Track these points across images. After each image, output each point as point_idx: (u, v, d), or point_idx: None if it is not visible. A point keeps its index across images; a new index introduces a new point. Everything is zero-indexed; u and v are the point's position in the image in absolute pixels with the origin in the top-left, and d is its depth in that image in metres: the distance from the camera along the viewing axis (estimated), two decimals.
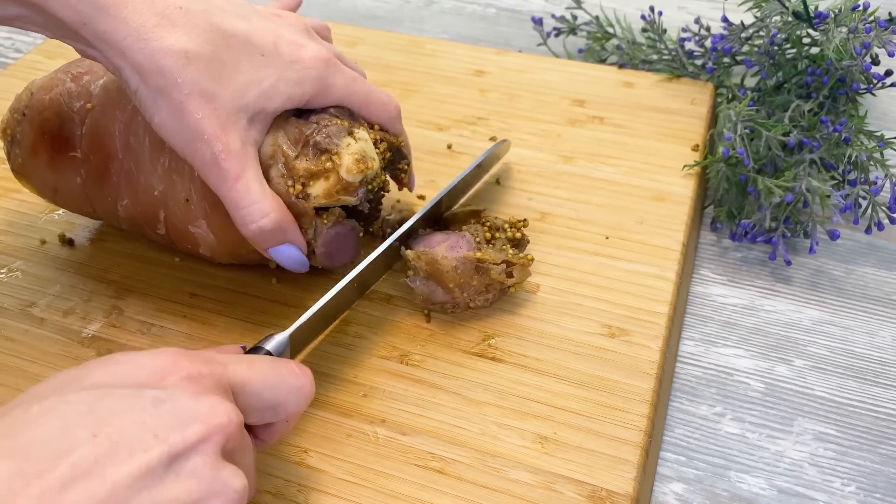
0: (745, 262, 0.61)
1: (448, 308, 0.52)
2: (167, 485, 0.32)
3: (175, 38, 0.43)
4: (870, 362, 0.54)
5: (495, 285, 0.51)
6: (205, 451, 0.33)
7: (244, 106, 0.45)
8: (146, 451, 0.31)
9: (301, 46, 0.48)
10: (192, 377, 0.35)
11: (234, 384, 0.37)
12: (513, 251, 0.51)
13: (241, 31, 0.46)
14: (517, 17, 0.91)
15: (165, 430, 0.32)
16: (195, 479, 0.32)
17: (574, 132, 0.67)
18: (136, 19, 0.43)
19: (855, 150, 0.60)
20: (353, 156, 0.47)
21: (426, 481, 0.44)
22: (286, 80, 0.47)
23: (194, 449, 0.33)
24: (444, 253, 0.50)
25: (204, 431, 0.33)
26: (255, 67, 0.46)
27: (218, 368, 0.37)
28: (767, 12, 0.66)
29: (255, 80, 0.46)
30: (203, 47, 0.44)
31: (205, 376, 0.35)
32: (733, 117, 0.61)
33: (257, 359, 0.40)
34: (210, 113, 0.44)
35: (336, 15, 0.93)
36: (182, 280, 0.56)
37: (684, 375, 0.54)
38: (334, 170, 0.47)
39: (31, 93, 0.54)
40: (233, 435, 0.34)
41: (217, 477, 0.33)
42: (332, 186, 0.47)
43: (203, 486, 0.32)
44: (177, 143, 0.45)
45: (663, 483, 0.48)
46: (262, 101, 0.46)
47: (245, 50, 0.46)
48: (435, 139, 0.67)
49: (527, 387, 0.49)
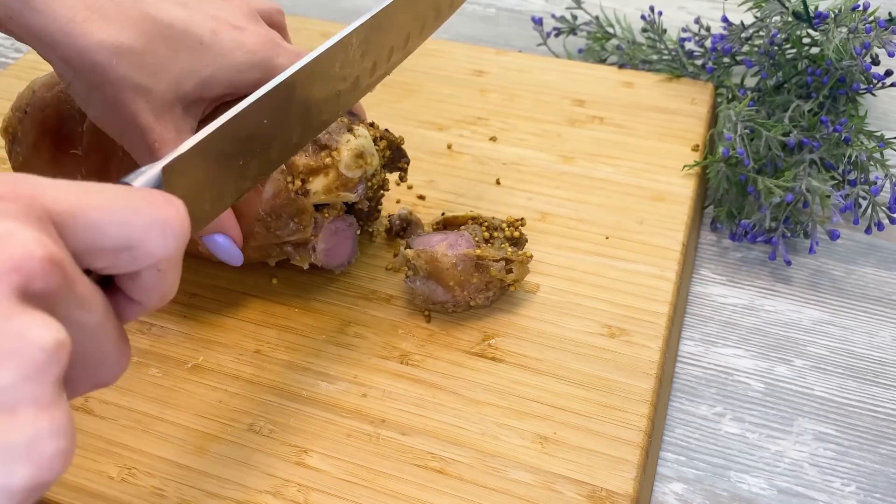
0: (745, 262, 0.61)
1: (448, 307, 0.52)
2: None
3: (106, 33, 0.42)
4: (870, 362, 0.54)
5: (495, 283, 0.51)
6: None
7: (181, 96, 0.45)
8: None
9: (243, 30, 0.46)
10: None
11: (57, 212, 0.27)
12: (512, 249, 0.51)
13: (178, 20, 0.44)
14: (517, 17, 0.91)
15: None
16: None
17: (574, 132, 0.67)
18: (64, 14, 0.41)
19: (855, 150, 0.60)
20: (352, 151, 0.48)
21: (426, 481, 0.44)
22: (227, 67, 0.45)
23: None
24: (444, 251, 0.50)
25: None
26: (194, 57, 0.45)
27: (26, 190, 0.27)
28: (767, 12, 0.66)
29: (193, 69, 0.45)
30: (136, 40, 0.43)
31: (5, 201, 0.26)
32: (733, 117, 0.61)
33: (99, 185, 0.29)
34: (144, 106, 0.44)
35: (336, 15, 0.93)
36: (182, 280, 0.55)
37: (684, 375, 0.54)
38: (333, 165, 0.48)
39: (34, 90, 0.54)
40: (38, 273, 0.25)
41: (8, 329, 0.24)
42: (331, 182, 0.48)
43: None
44: (113, 133, 0.45)
45: (663, 483, 0.48)
46: (201, 91, 0.45)
47: (182, 39, 0.44)
48: (435, 139, 0.67)
49: (527, 387, 0.49)
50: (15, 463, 0.23)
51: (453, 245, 0.51)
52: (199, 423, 0.47)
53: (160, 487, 0.44)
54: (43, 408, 0.24)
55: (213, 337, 0.52)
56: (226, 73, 0.46)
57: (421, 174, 0.63)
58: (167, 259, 0.31)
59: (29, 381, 0.24)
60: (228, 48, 0.45)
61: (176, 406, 0.48)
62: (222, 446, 0.46)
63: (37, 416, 0.24)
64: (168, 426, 0.47)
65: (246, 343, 0.52)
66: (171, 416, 0.48)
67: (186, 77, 0.45)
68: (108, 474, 0.45)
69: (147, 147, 0.44)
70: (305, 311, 0.54)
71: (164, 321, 0.53)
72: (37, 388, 0.24)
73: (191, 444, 0.46)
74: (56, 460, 0.24)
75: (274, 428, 0.47)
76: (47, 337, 0.24)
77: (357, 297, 0.54)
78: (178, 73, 0.44)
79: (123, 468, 0.45)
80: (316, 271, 0.55)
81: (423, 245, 0.51)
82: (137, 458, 0.46)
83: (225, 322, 0.53)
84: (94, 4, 0.42)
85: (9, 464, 0.23)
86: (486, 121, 0.69)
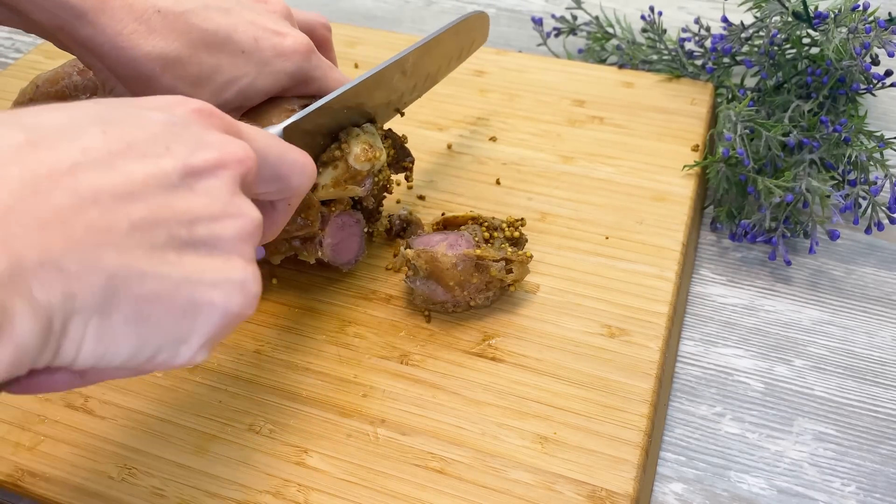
0: (744, 262, 0.61)
1: (449, 307, 0.52)
2: (180, 195, 0.29)
3: (153, 45, 0.43)
4: (869, 362, 0.54)
5: (495, 283, 0.51)
6: (221, 177, 0.31)
7: (221, 104, 0.46)
8: (159, 158, 0.29)
9: (284, 37, 0.48)
10: (203, 112, 0.33)
11: (243, 135, 0.35)
12: (511, 249, 0.51)
13: (221, 29, 0.46)
14: (517, 17, 0.91)
15: (179, 147, 0.30)
16: (210, 198, 0.30)
17: (574, 132, 0.67)
18: (113, 27, 0.43)
19: (855, 150, 0.60)
20: (361, 145, 0.49)
21: (426, 481, 0.44)
22: (266, 75, 0.47)
23: (211, 172, 0.31)
24: (444, 251, 0.50)
25: (220, 158, 0.31)
26: (235, 66, 0.46)
27: (227, 116, 0.35)
28: (767, 12, 0.66)
29: (234, 78, 0.46)
30: (181, 51, 0.44)
31: (216, 116, 0.34)
32: (733, 117, 0.61)
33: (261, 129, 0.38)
34: None
35: (336, 15, 0.93)
36: None
37: (684, 375, 0.54)
38: (342, 158, 0.49)
39: (37, 86, 0.55)
40: (250, 170, 0.33)
41: (233, 202, 0.31)
42: (340, 175, 0.49)
43: (219, 205, 0.31)
44: None
45: (663, 483, 0.48)
46: (241, 99, 0.47)
47: (225, 48, 0.46)
48: (435, 139, 0.67)
49: (527, 387, 0.49)
50: (233, 292, 0.31)
51: (453, 245, 0.51)
52: (199, 423, 0.47)
53: (160, 487, 0.44)
54: (248, 261, 0.32)
55: None
56: (264, 83, 0.48)
57: (421, 174, 0.63)
58: (298, 196, 0.39)
59: (241, 240, 0.31)
60: (268, 57, 0.47)
61: (176, 406, 0.48)
62: (222, 446, 0.46)
63: (245, 265, 0.31)
64: (168, 426, 0.47)
65: (246, 343, 0.52)
66: (171, 416, 0.48)
67: (227, 86, 0.46)
68: (109, 474, 0.45)
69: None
70: (305, 311, 0.54)
71: None
72: (246, 247, 0.32)
73: (191, 444, 0.46)
74: (255, 299, 0.32)
75: (274, 428, 0.47)
76: (255, 213, 0.32)
77: (357, 297, 0.54)
78: (220, 82, 0.46)
79: (123, 468, 0.45)
80: (316, 271, 0.56)
81: (423, 245, 0.51)
82: (137, 458, 0.46)
83: None
84: (142, 16, 0.43)
85: (230, 292, 0.30)
86: (486, 121, 0.69)
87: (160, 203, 0.29)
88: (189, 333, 0.30)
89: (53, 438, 0.47)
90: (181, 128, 0.31)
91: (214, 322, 0.30)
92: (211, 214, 0.30)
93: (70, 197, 0.26)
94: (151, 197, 0.28)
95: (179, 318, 0.29)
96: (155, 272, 0.28)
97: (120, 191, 0.28)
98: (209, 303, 0.30)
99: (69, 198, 0.26)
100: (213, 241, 0.30)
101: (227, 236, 0.31)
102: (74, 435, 0.47)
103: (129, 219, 0.28)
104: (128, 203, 0.28)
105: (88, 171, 0.27)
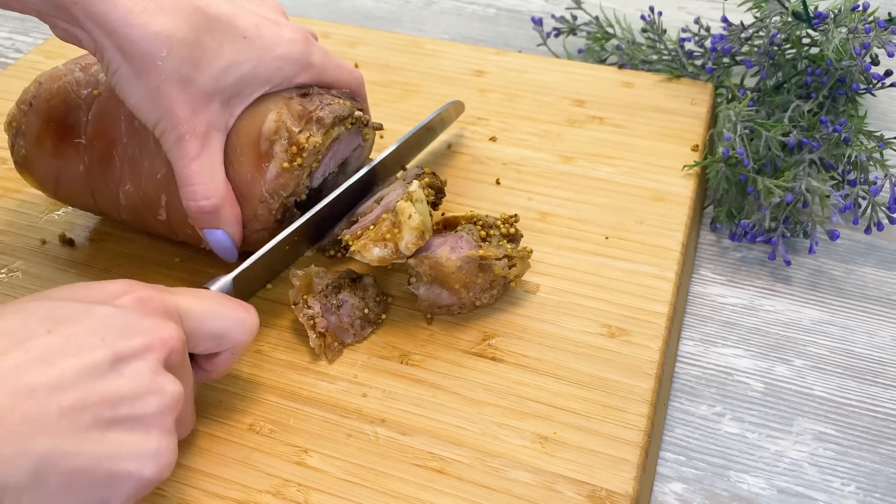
0: (744, 262, 0.61)
1: (454, 310, 0.52)
2: (109, 381, 0.35)
3: (162, 24, 0.45)
4: (869, 362, 0.54)
5: (498, 280, 0.51)
6: (147, 359, 0.37)
7: (221, 89, 0.48)
8: (94, 350, 0.35)
9: (283, 26, 0.50)
10: (143, 300, 0.39)
11: (181, 310, 0.41)
12: (511, 246, 0.51)
13: (224, 14, 0.47)
14: (517, 17, 0.91)
15: (113, 338, 0.36)
16: (135, 380, 0.36)
17: (574, 132, 0.67)
18: (125, 3, 0.44)
19: (855, 150, 0.60)
20: (413, 231, 0.48)
21: (426, 481, 0.44)
22: (266, 62, 0.49)
23: (138, 356, 0.36)
24: (448, 255, 0.50)
25: (147, 342, 0.37)
26: (237, 50, 0.48)
27: (167, 295, 0.41)
28: (767, 12, 0.66)
29: (234, 63, 0.48)
30: (187, 32, 0.46)
31: (154, 300, 0.39)
32: (733, 117, 0.61)
33: (204, 292, 0.44)
34: (184, 97, 0.46)
35: (336, 15, 0.93)
36: (182, 280, 0.56)
37: (684, 375, 0.54)
38: (393, 240, 0.48)
39: (39, 83, 0.55)
40: (175, 350, 0.38)
41: (155, 380, 0.37)
42: (388, 256, 0.49)
43: (141, 385, 0.36)
44: (148, 120, 0.47)
45: (663, 483, 0.48)
46: (240, 86, 0.48)
47: (228, 33, 0.47)
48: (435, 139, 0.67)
49: (527, 387, 0.49)
50: (148, 462, 0.36)
51: (454, 248, 0.51)
52: (199, 423, 0.47)
53: (160, 487, 0.44)
54: (166, 433, 0.37)
55: None
56: (265, 70, 0.49)
57: None
58: (241, 346, 0.44)
59: (162, 414, 0.37)
60: (269, 43, 0.49)
61: None
62: (222, 446, 0.46)
63: (161, 436, 0.37)
64: None
65: None
66: None
67: (228, 71, 0.48)
68: None
69: (177, 137, 0.47)
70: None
71: None
72: (165, 420, 0.37)
73: (191, 444, 0.46)
74: (168, 468, 0.37)
75: (274, 428, 0.47)
76: (176, 388, 0.38)
77: None
78: (221, 66, 0.47)
79: None
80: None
81: (423, 250, 0.51)
82: None
83: None
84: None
85: (144, 462, 0.36)
86: (486, 121, 0.69)
87: (88, 389, 0.34)
88: (110, 498, 0.35)
89: None
90: (120, 318, 0.37)
91: (132, 486, 0.36)
92: (135, 394, 0.36)
93: (10, 395, 0.32)
94: (81, 385, 0.34)
95: (101, 486, 0.35)
96: (79, 451, 0.34)
97: (54, 383, 0.33)
98: (126, 473, 0.35)
99: (8, 395, 0.32)
100: (135, 417, 0.36)
101: (148, 412, 0.36)
102: None
103: (59, 406, 0.33)
104: (60, 392, 0.33)
105: (29, 369, 0.33)
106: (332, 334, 0.50)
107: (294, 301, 0.51)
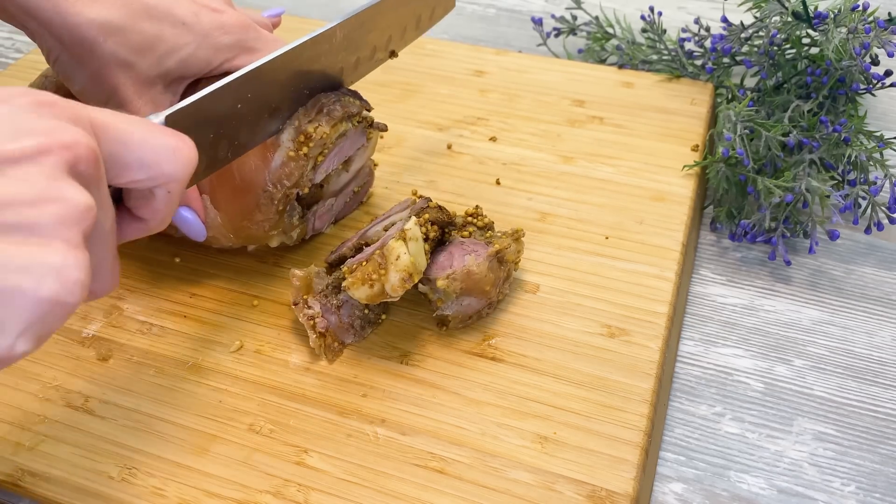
0: (744, 262, 0.61)
1: (484, 313, 0.52)
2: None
3: (96, 11, 0.46)
4: (869, 362, 0.54)
5: (507, 267, 0.51)
6: (41, 163, 0.31)
7: (162, 73, 0.48)
8: None
9: (222, 13, 0.50)
10: (43, 103, 0.33)
11: (96, 124, 0.34)
12: (498, 234, 0.53)
13: (162, 3, 0.48)
14: (517, 17, 0.91)
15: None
16: (26, 183, 0.30)
17: (574, 132, 0.67)
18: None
19: (854, 150, 0.60)
20: (400, 274, 0.47)
21: (426, 481, 0.44)
22: (206, 46, 0.49)
23: (30, 158, 0.31)
24: (474, 261, 0.50)
25: (43, 144, 0.31)
26: (177, 36, 0.48)
27: (79, 106, 0.34)
28: (767, 12, 0.66)
29: (175, 47, 0.48)
30: (123, 18, 0.46)
31: (59, 105, 0.33)
32: (733, 117, 0.61)
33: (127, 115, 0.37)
34: (126, 80, 0.47)
35: (336, 15, 0.93)
36: (182, 280, 0.56)
37: (684, 375, 0.54)
38: (380, 281, 0.47)
39: (45, 76, 0.55)
40: (83, 159, 0.32)
41: (54, 186, 0.31)
42: (375, 294, 0.48)
43: (35, 190, 0.30)
44: (94, 104, 0.47)
45: (663, 483, 0.48)
46: (182, 69, 0.49)
47: (166, 18, 0.48)
48: (435, 139, 0.67)
49: (526, 387, 0.49)
50: (46, 277, 0.30)
51: (472, 252, 0.50)
52: (199, 423, 0.47)
53: (160, 487, 0.44)
54: (72, 246, 0.31)
55: (212, 337, 0.52)
56: (205, 53, 0.49)
57: (421, 174, 0.63)
58: (176, 181, 0.37)
59: (63, 224, 0.30)
60: (208, 29, 0.49)
61: (176, 406, 0.48)
62: (222, 446, 0.46)
63: (66, 250, 0.30)
64: (168, 426, 0.47)
65: (246, 343, 0.52)
66: (171, 416, 0.48)
67: (169, 55, 0.48)
68: (109, 474, 0.45)
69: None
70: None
71: (163, 321, 0.53)
72: (68, 231, 0.31)
73: (191, 444, 0.46)
74: (77, 286, 0.30)
75: (274, 428, 0.47)
76: (82, 198, 0.31)
77: None
78: (161, 51, 0.48)
79: (123, 468, 0.45)
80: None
81: (439, 270, 0.50)
82: (137, 458, 0.46)
83: (225, 322, 0.53)
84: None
85: (41, 277, 0.30)
86: (486, 121, 0.69)
87: None
88: (4, 320, 0.29)
89: (53, 438, 0.47)
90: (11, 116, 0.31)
91: (28, 306, 0.30)
92: (24, 200, 0.30)
93: None
94: None
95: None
96: None
97: None
98: (16, 288, 0.29)
99: None
100: (26, 226, 0.30)
101: (44, 221, 0.30)
102: (74, 435, 0.47)
103: None
104: None
105: None
106: (332, 334, 0.50)
107: (294, 301, 0.51)
